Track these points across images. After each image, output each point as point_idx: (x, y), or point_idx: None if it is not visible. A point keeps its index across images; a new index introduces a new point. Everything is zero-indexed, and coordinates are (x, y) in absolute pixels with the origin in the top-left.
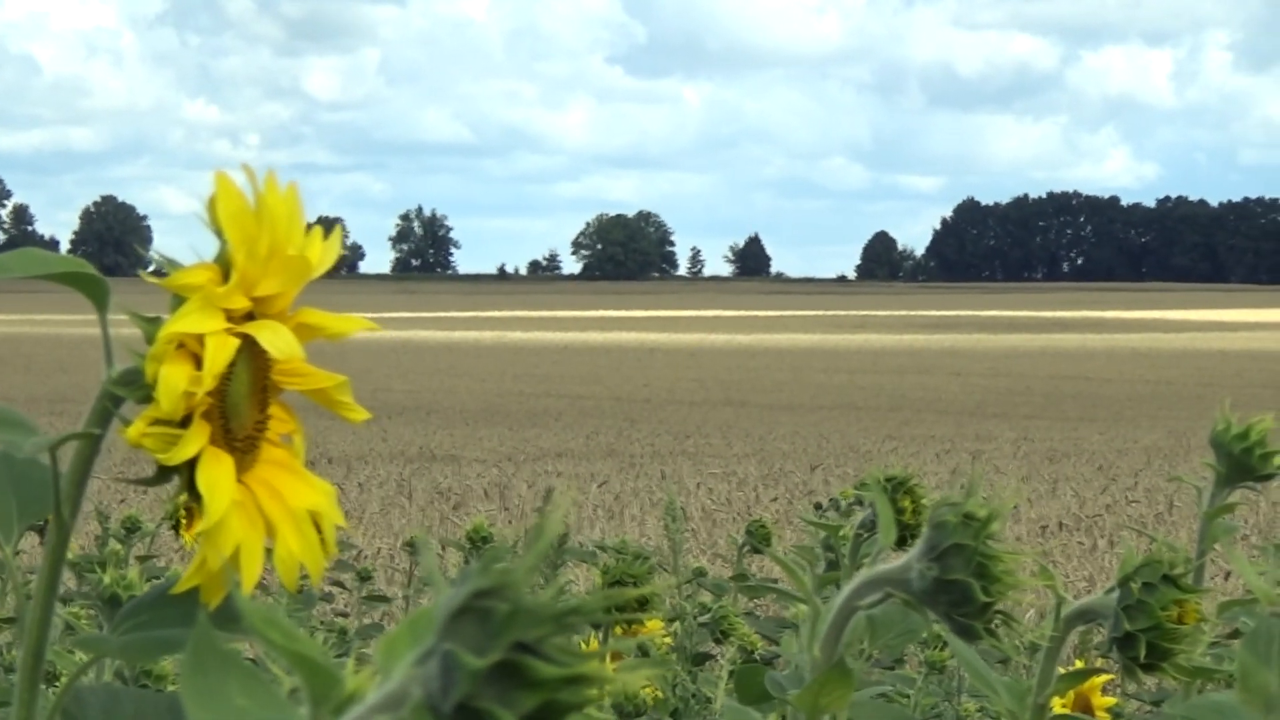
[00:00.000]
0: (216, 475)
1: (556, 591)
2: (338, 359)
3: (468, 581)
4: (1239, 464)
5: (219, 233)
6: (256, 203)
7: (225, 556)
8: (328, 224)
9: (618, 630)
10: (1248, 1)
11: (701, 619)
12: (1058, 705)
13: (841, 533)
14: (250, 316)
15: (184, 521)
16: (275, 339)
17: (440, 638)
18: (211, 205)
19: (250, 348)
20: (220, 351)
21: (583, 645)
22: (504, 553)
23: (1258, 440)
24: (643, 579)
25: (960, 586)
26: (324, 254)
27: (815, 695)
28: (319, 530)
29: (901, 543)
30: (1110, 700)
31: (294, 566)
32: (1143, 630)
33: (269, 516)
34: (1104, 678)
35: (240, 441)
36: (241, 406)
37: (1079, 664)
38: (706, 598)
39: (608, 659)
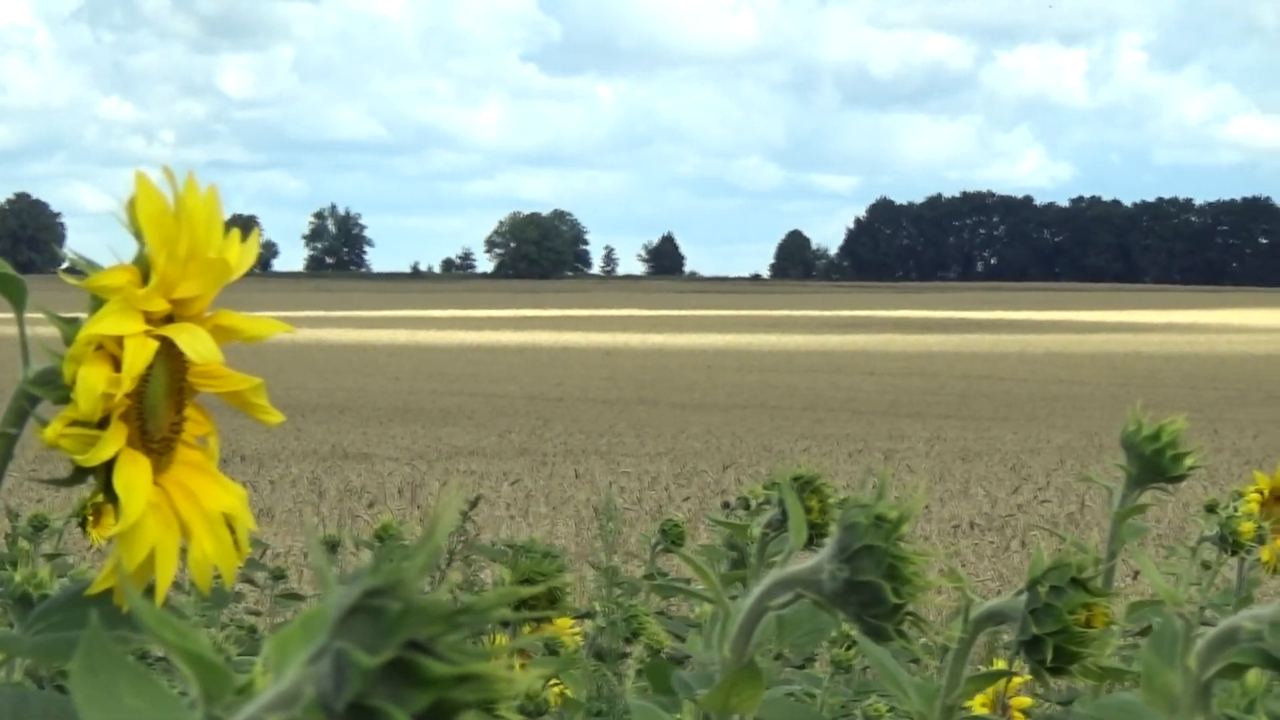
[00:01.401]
0: (133, 477)
1: (449, 589)
2: (251, 357)
3: (360, 580)
4: (1150, 465)
5: (138, 234)
6: (176, 204)
7: (140, 559)
8: (242, 222)
9: (527, 629)
10: (1162, 2)
11: (614, 618)
12: (978, 705)
13: (749, 532)
14: (169, 319)
15: (91, 519)
16: (194, 342)
17: (332, 636)
18: (131, 206)
19: (168, 350)
20: (139, 354)
21: (490, 643)
22: (406, 551)
23: (1169, 442)
24: (552, 577)
25: (871, 588)
26: (242, 256)
27: (725, 696)
28: (232, 532)
29: (810, 542)
30: (1026, 701)
31: (208, 568)
32: (1050, 634)
33: (184, 518)
34: (1017, 679)
35: (157, 443)
36: (159, 408)
37: (999, 664)
38: (619, 596)
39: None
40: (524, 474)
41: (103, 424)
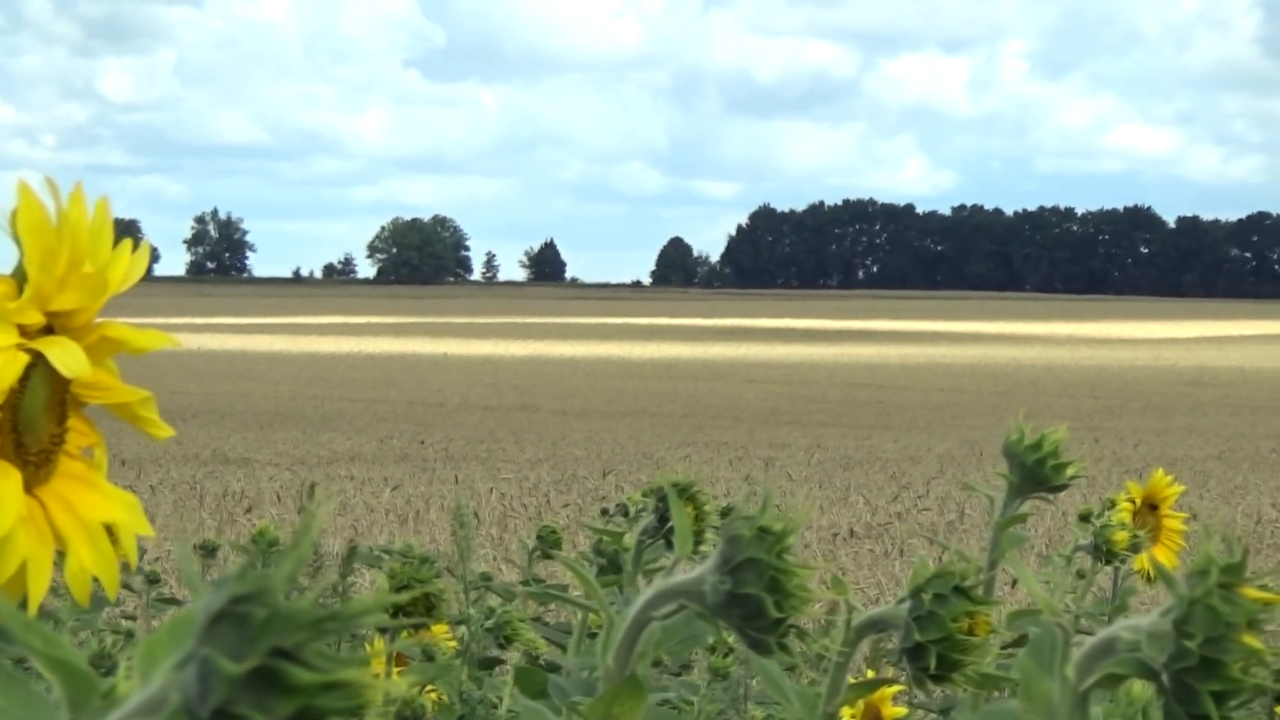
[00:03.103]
0: (4, 490)
1: (316, 596)
2: (132, 362)
3: (227, 586)
4: (1031, 474)
5: (18, 244)
6: (58, 216)
7: (11, 571)
8: (123, 225)
9: (404, 635)
10: (1043, 10)
11: (486, 624)
12: (847, 715)
13: (625, 539)
14: (49, 329)
15: None
16: (65, 356)
17: (199, 643)
18: (13, 216)
19: (49, 361)
20: (9, 368)
21: (368, 649)
22: (278, 556)
23: (1051, 451)
24: (428, 583)
25: (753, 601)
26: (132, 268)
27: (608, 705)
28: (117, 541)
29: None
30: (900, 710)
31: (86, 579)
32: (933, 641)
33: (60, 530)
34: (895, 688)
35: (34, 455)
36: (37, 421)
37: (870, 673)
38: (495, 602)
39: (393, 663)
40: (404, 480)
41: None
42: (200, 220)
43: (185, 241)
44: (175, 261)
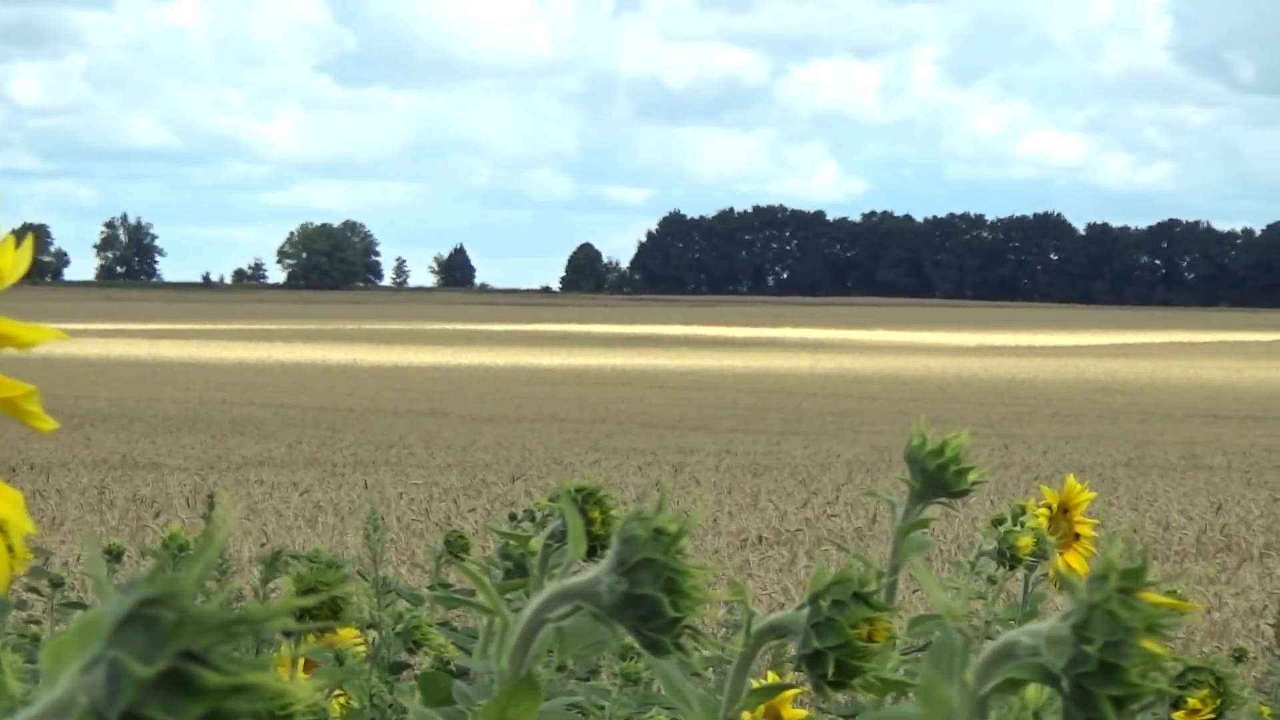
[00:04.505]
0: None
1: (225, 600)
2: (42, 366)
3: (136, 589)
4: (934, 480)
5: None
6: None
7: None
8: (32, 230)
9: (310, 639)
10: (955, 17)
11: (396, 629)
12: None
13: (531, 543)
14: None
15: None
16: None
17: (107, 645)
18: None
19: None
20: None
21: (277, 654)
22: (187, 560)
23: (953, 457)
24: (335, 587)
25: (649, 601)
26: (16, 263)
27: (503, 707)
28: (8, 539)
29: (592, 553)
30: (801, 713)
31: None
32: (831, 648)
33: None
34: (794, 691)
35: None
36: None
37: (772, 677)
38: (404, 607)
39: (300, 667)
40: (313, 484)
41: None
42: (110, 225)
43: (95, 246)
44: (85, 266)
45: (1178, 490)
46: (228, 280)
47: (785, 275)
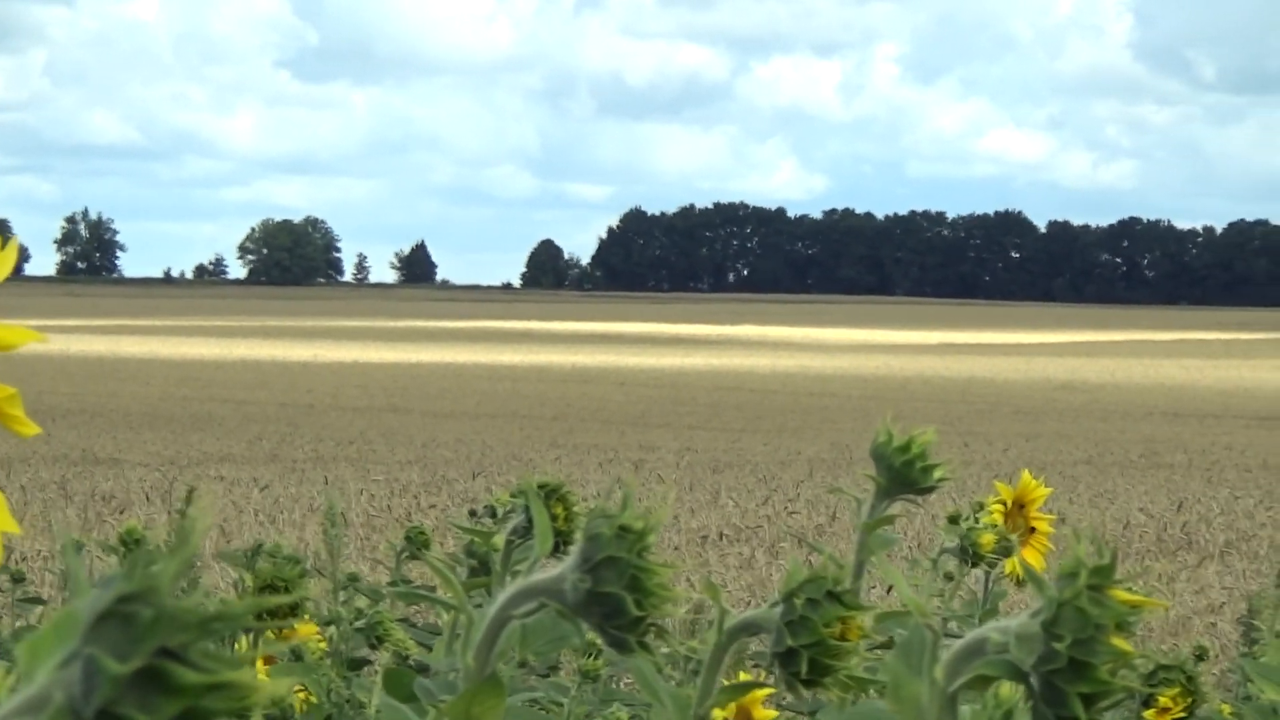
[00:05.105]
0: None
1: (201, 596)
2: (2, 362)
3: (113, 585)
4: (899, 476)
5: None
6: None
7: None
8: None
9: (270, 635)
10: (916, 14)
11: (357, 624)
12: (719, 717)
13: (493, 539)
14: None
15: None
16: None
17: (83, 642)
18: None
19: None
20: None
21: (237, 649)
22: (155, 555)
23: (919, 454)
24: (294, 583)
25: (613, 599)
26: None
27: (468, 704)
28: None
29: (555, 549)
30: (772, 713)
31: None
32: (805, 646)
33: None
34: (766, 690)
35: None
36: None
37: (743, 676)
38: (363, 603)
39: (260, 663)
40: (274, 480)
41: None
42: (71, 220)
43: (56, 241)
44: (45, 262)
45: (1138, 488)
46: (189, 276)
47: (746, 272)
